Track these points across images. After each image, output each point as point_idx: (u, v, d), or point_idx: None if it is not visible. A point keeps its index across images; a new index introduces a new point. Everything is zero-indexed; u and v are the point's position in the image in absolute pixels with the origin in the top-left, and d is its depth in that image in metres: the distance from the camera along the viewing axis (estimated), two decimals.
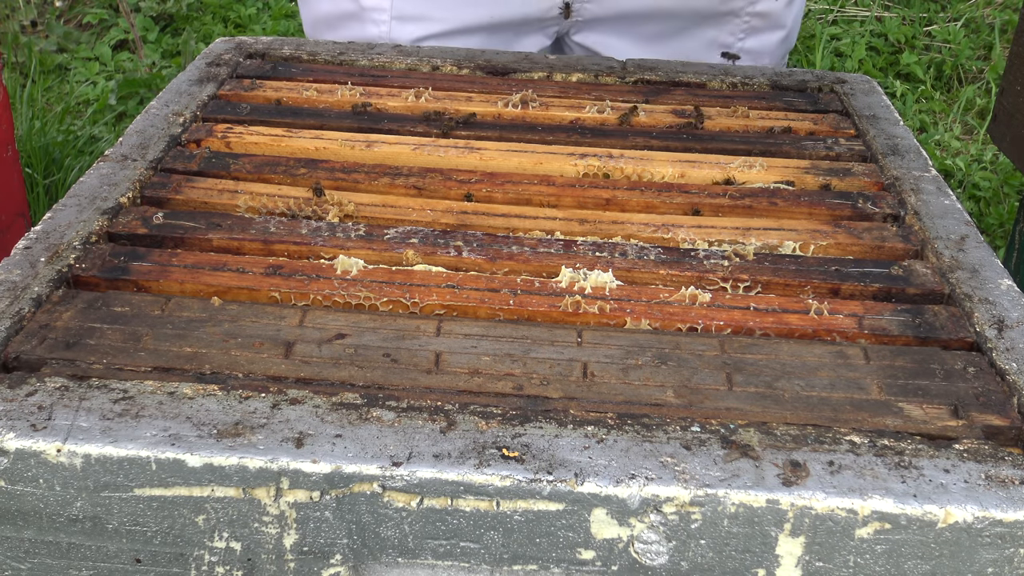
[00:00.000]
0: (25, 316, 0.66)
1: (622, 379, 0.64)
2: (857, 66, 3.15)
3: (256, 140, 0.93)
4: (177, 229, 0.78)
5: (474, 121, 0.98)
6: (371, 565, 0.58)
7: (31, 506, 0.57)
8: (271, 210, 0.82)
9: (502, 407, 0.60)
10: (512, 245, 0.78)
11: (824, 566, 0.56)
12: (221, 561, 0.58)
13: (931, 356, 0.68)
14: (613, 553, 0.57)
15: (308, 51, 1.13)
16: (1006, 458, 0.58)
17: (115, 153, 0.88)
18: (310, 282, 0.72)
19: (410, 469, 0.55)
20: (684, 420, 0.60)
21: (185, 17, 3.40)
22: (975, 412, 0.62)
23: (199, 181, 0.85)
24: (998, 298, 0.74)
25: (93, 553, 0.58)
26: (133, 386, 0.60)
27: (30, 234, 0.75)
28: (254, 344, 0.65)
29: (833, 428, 0.60)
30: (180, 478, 0.56)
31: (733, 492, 0.55)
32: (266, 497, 0.56)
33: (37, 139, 2.56)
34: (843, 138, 0.99)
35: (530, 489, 0.55)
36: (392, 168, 0.89)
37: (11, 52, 3.15)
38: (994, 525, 0.55)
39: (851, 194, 0.87)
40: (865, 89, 1.09)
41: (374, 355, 0.65)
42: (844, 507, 0.55)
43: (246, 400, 0.60)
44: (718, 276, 0.75)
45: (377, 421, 0.59)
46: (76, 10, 3.49)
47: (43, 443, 0.56)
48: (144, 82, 3.02)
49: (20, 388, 0.60)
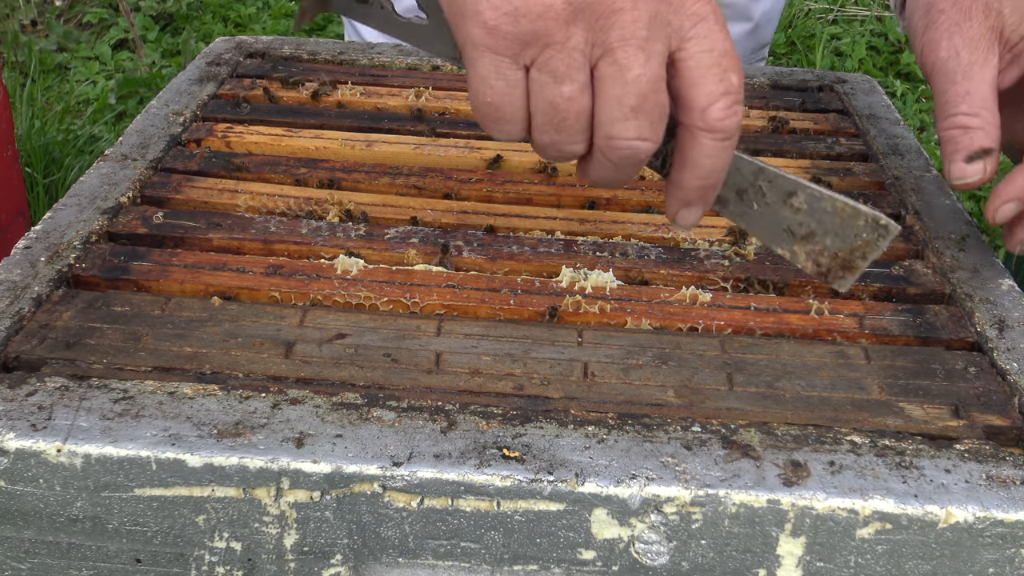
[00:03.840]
0: (25, 316, 0.66)
1: (623, 379, 0.64)
2: (857, 65, 3.15)
3: (256, 140, 0.93)
4: (177, 229, 0.77)
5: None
6: (371, 565, 0.58)
7: (31, 506, 0.57)
8: (271, 210, 0.82)
9: (503, 407, 0.60)
10: (512, 245, 0.78)
11: (825, 566, 0.56)
12: (221, 561, 0.58)
13: (932, 356, 0.68)
14: (614, 553, 0.57)
15: (308, 51, 1.13)
16: (1007, 458, 0.58)
17: (115, 152, 0.88)
18: (310, 282, 0.72)
19: (410, 469, 0.55)
20: (685, 420, 0.60)
21: (185, 16, 3.40)
22: (976, 412, 0.62)
23: (199, 180, 0.85)
24: (999, 298, 0.74)
25: (93, 553, 0.58)
26: (133, 386, 0.60)
27: (30, 234, 0.75)
28: (254, 344, 0.65)
29: (834, 428, 0.60)
30: (180, 478, 0.56)
31: (734, 492, 0.55)
32: (266, 497, 0.56)
33: (37, 138, 2.56)
34: (843, 137, 0.99)
35: (531, 489, 0.55)
36: (392, 168, 0.89)
37: (11, 51, 3.15)
38: (995, 525, 0.55)
39: (851, 193, 0.87)
40: (865, 88, 1.09)
41: (374, 355, 0.65)
42: (845, 507, 0.55)
43: (246, 400, 0.60)
44: (718, 276, 0.75)
45: (377, 421, 0.59)
46: (76, 9, 3.49)
47: (43, 443, 0.56)
48: (144, 81, 3.02)
49: (20, 388, 0.60)
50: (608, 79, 0.57)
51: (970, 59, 0.74)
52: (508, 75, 0.58)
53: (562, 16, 0.55)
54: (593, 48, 0.56)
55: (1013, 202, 0.69)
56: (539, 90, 0.58)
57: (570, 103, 0.58)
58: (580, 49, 0.56)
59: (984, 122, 0.72)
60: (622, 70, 0.56)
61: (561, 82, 0.57)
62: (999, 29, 0.74)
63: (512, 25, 0.56)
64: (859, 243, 0.63)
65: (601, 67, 0.57)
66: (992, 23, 0.75)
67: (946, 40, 0.76)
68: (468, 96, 0.60)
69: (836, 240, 0.63)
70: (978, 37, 0.75)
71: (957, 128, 0.73)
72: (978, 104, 0.73)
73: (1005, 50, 0.74)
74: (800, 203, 0.63)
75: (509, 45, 0.57)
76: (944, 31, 0.76)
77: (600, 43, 0.56)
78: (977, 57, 0.74)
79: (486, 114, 0.60)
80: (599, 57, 0.57)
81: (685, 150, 0.60)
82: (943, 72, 0.75)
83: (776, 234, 0.65)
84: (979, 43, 0.74)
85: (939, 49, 0.76)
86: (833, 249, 0.64)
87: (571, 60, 0.56)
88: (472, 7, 0.56)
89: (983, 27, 0.75)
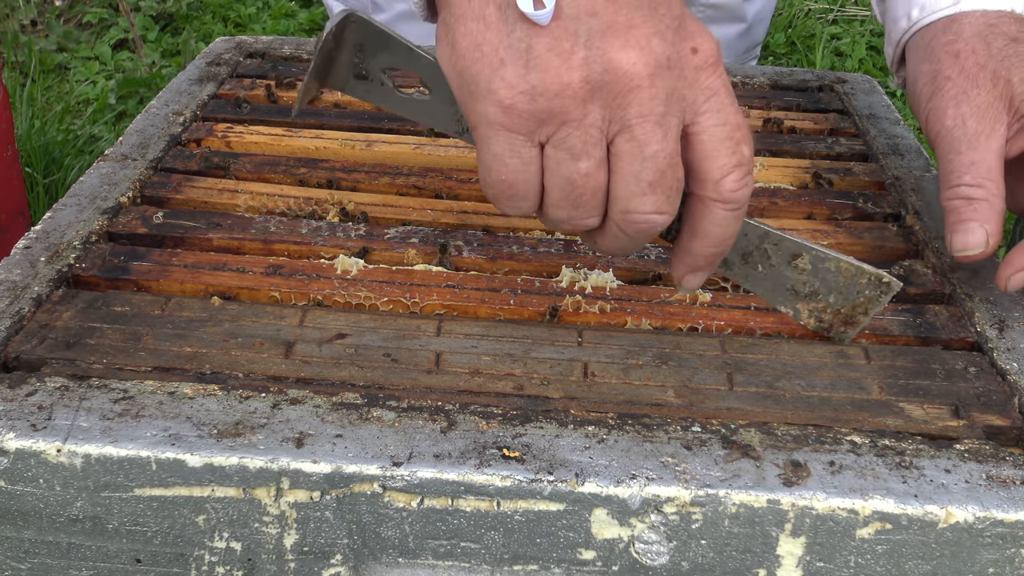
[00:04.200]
0: (25, 316, 0.66)
1: (623, 379, 0.64)
2: (857, 65, 3.15)
3: (256, 140, 0.93)
4: (177, 229, 0.77)
5: None
6: (371, 565, 0.58)
7: (31, 506, 0.57)
8: (271, 210, 0.82)
9: (503, 407, 0.60)
10: (512, 245, 0.78)
11: (825, 566, 0.56)
12: (221, 561, 0.58)
13: (932, 356, 0.68)
14: (614, 553, 0.57)
15: (308, 51, 1.13)
16: (1007, 458, 0.58)
17: (115, 152, 0.88)
18: (310, 282, 0.72)
19: (410, 469, 0.55)
20: (685, 420, 0.60)
21: (185, 16, 3.40)
22: (976, 412, 0.62)
23: (199, 180, 0.85)
24: (999, 298, 0.74)
25: (93, 553, 0.58)
26: (133, 386, 0.60)
27: (30, 234, 0.75)
28: (254, 344, 0.65)
29: (834, 428, 0.60)
30: (180, 478, 0.56)
31: (734, 492, 0.55)
32: (266, 497, 0.56)
33: (37, 138, 2.56)
34: (843, 137, 0.99)
35: (531, 489, 0.55)
36: (392, 168, 0.89)
37: (11, 51, 3.15)
38: (995, 525, 0.55)
39: (851, 193, 0.87)
40: (866, 88, 1.09)
41: (374, 355, 0.65)
42: (845, 507, 0.55)
43: (246, 400, 0.60)
44: (719, 276, 0.75)
45: (377, 421, 0.59)
46: (76, 9, 3.49)
47: (43, 443, 0.56)
48: (144, 81, 3.02)
49: (20, 388, 0.60)
50: (626, 155, 0.56)
51: (977, 128, 0.73)
52: (523, 153, 0.57)
53: (580, 94, 0.54)
54: (610, 124, 0.56)
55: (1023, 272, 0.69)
56: (555, 167, 0.57)
57: (587, 179, 0.57)
58: (597, 126, 0.55)
59: (988, 193, 0.72)
60: (640, 146, 0.56)
61: (578, 159, 0.56)
62: (1008, 97, 0.74)
63: (529, 104, 0.55)
64: (861, 299, 0.65)
65: (618, 143, 0.56)
66: (1000, 91, 0.74)
67: (952, 108, 0.75)
68: (479, 173, 0.59)
69: (839, 297, 0.65)
70: (985, 106, 0.74)
71: (960, 199, 0.72)
72: (983, 174, 0.72)
73: (1014, 119, 0.73)
74: (805, 264, 0.64)
75: (525, 123, 0.55)
76: (951, 99, 0.75)
77: (617, 119, 0.55)
78: (984, 127, 0.73)
79: (499, 191, 0.59)
80: (616, 133, 0.56)
81: (696, 219, 0.60)
82: (948, 141, 0.75)
83: (780, 293, 0.66)
84: (987, 112, 0.74)
85: (945, 117, 0.75)
86: (836, 306, 0.65)
87: (588, 137, 0.56)
88: (485, 85, 0.55)
89: (991, 95, 0.74)
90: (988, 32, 0.77)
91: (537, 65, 0.54)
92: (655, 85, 0.55)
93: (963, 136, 0.74)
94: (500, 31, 0.55)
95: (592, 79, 0.54)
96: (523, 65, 0.54)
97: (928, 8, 0.81)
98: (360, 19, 0.63)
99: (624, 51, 0.54)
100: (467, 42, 0.55)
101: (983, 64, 0.75)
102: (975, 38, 0.77)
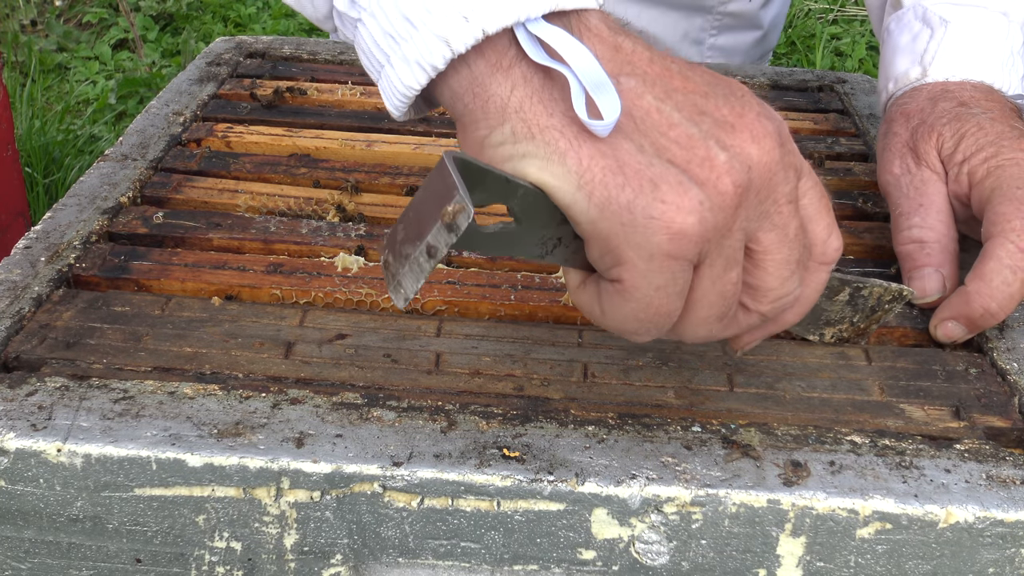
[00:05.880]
0: (25, 316, 0.66)
1: (623, 380, 0.64)
2: (857, 65, 3.15)
3: (256, 140, 0.93)
4: (177, 229, 0.77)
5: None
6: (371, 565, 0.58)
7: (31, 506, 0.57)
8: (271, 209, 0.82)
9: (503, 407, 0.60)
10: None
11: (825, 566, 0.56)
12: (221, 561, 0.58)
13: (932, 357, 0.68)
14: (614, 553, 0.57)
15: (308, 51, 1.13)
16: (1007, 458, 0.58)
17: (115, 152, 0.88)
18: (311, 279, 0.72)
19: (411, 469, 0.55)
20: (685, 420, 0.60)
21: (185, 16, 3.40)
22: (977, 413, 0.62)
23: (199, 180, 0.85)
24: None
25: (93, 553, 0.58)
26: (133, 386, 0.60)
27: (30, 234, 0.75)
28: (254, 344, 0.65)
29: (834, 428, 0.60)
30: (180, 478, 0.56)
31: (734, 492, 0.55)
32: (266, 497, 0.56)
33: (37, 138, 2.56)
34: (843, 137, 0.99)
35: (531, 489, 0.55)
36: (392, 168, 0.89)
37: (11, 51, 3.15)
38: (995, 525, 0.55)
39: (851, 193, 0.87)
40: (866, 88, 1.09)
41: (374, 355, 0.65)
42: (845, 507, 0.55)
43: (246, 400, 0.60)
44: None
45: (378, 421, 0.59)
46: (76, 9, 3.49)
47: (43, 443, 0.56)
48: (144, 81, 3.02)
49: (20, 388, 0.60)
50: (774, 244, 0.53)
51: (922, 176, 0.76)
52: (683, 278, 0.51)
53: (733, 201, 0.50)
54: (750, 222, 0.52)
55: (951, 321, 0.69)
56: (710, 285, 0.52)
57: (736, 288, 0.53)
58: (743, 228, 0.51)
59: (939, 235, 0.73)
60: (784, 230, 0.52)
61: (731, 268, 0.52)
62: (938, 149, 0.77)
63: (699, 224, 0.49)
64: (879, 313, 0.66)
65: (761, 236, 0.52)
66: (934, 143, 0.77)
67: (899, 159, 0.79)
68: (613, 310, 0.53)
69: (862, 316, 0.66)
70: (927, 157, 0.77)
71: (913, 243, 0.74)
72: (933, 216, 0.74)
73: (950, 166, 0.76)
74: (843, 297, 0.65)
75: (694, 247, 0.49)
76: (897, 151, 0.79)
77: (759, 214, 0.52)
78: (928, 175, 0.76)
79: (650, 325, 0.52)
80: (757, 228, 0.52)
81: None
82: (897, 187, 0.78)
83: (813, 325, 0.67)
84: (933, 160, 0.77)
85: (893, 167, 0.79)
86: (858, 324, 0.67)
87: (737, 243, 0.51)
88: (644, 212, 0.48)
89: (929, 147, 0.77)
90: (941, 96, 0.81)
91: (693, 179, 0.49)
92: (784, 167, 0.52)
93: (910, 183, 0.77)
94: (627, 149, 0.49)
95: (740, 182, 0.50)
96: (678, 183, 0.49)
97: (900, 81, 0.86)
98: (460, 159, 0.51)
99: (755, 143, 0.50)
100: (600, 166, 0.49)
101: (924, 120, 0.79)
102: (926, 100, 0.81)
